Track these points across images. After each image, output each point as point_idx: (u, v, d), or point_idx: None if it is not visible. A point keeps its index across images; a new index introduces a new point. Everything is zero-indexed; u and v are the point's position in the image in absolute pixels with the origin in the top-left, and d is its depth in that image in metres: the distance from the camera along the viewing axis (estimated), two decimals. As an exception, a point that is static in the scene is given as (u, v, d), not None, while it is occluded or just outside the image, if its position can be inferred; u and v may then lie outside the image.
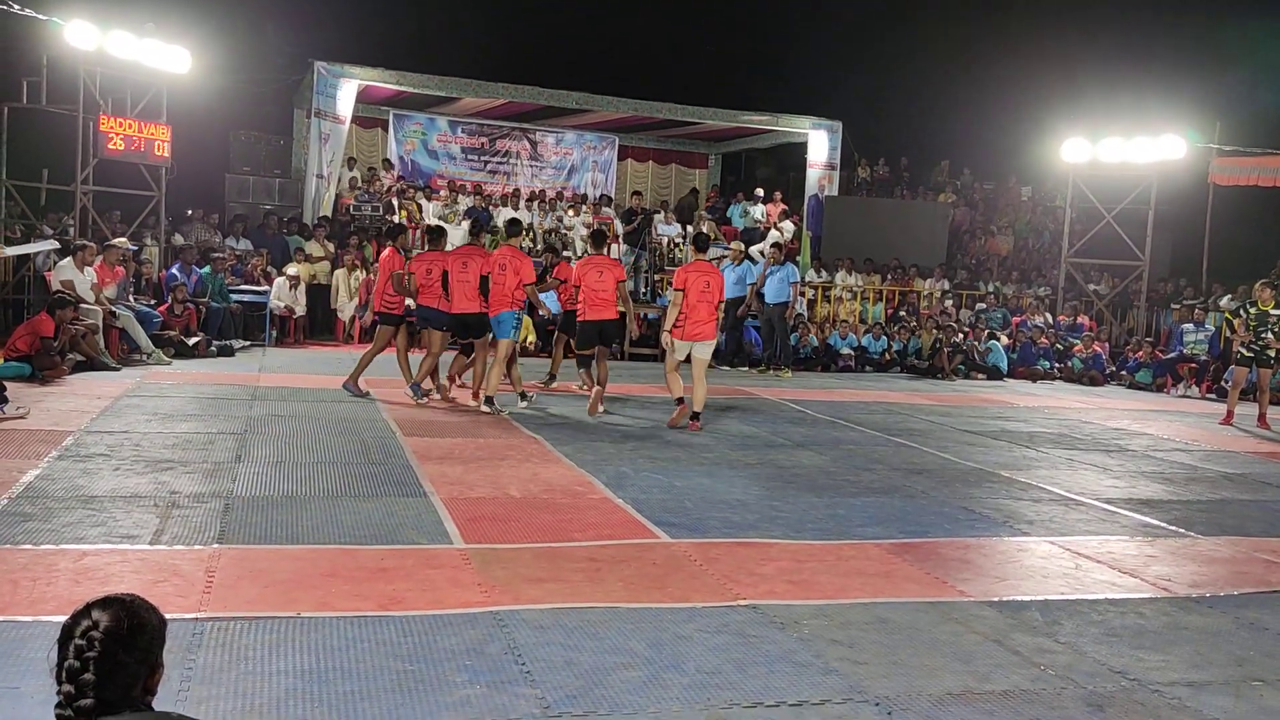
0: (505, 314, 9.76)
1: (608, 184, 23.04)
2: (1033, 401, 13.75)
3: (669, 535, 5.72)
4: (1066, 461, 9.07)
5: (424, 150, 21.78)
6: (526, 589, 4.66)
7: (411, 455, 7.52)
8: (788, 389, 13.31)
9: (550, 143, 22.75)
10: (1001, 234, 22.48)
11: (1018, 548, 6.01)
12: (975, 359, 16.71)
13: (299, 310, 15.16)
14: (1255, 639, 4.64)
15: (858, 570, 5.30)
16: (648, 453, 8.22)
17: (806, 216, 21.01)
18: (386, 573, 4.77)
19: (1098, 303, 19.92)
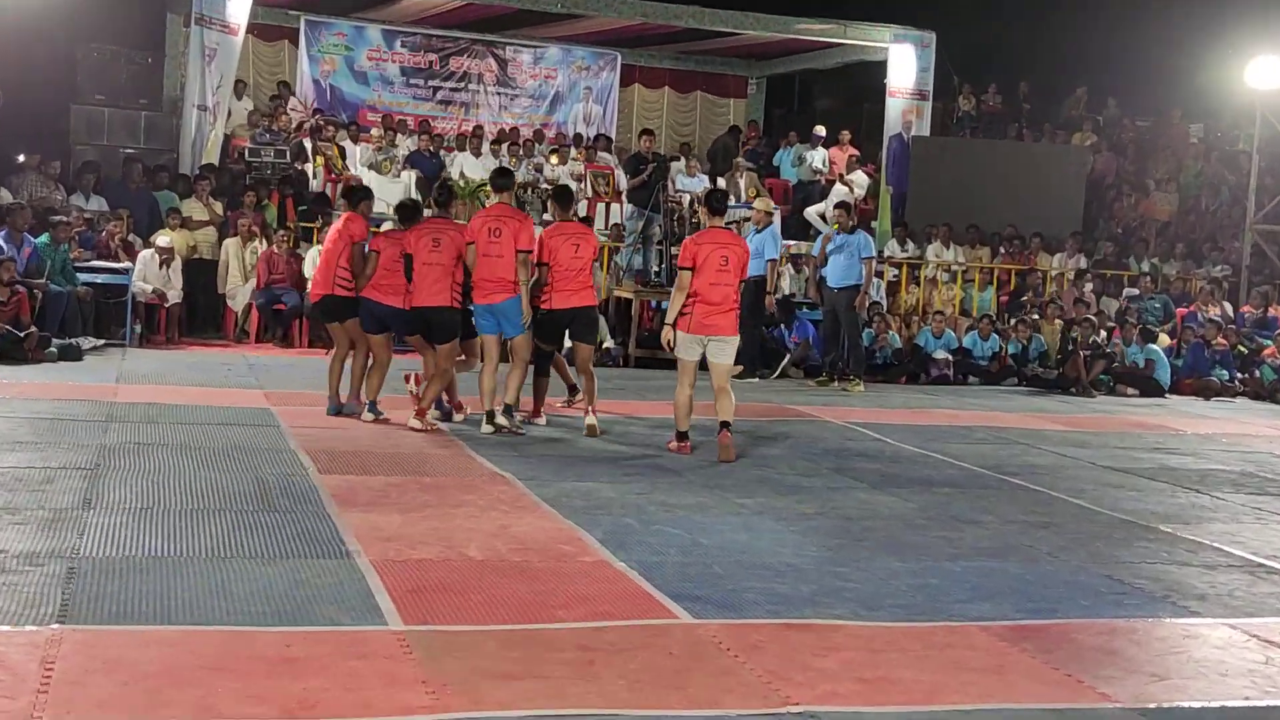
0: (510, 301, 10.01)
1: (606, 120, 23.10)
2: (1205, 427, 13.69)
3: (691, 614, 5.71)
4: (1253, 512, 9.02)
5: (349, 72, 21.86)
6: (490, 689, 4.64)
7: (329, 500, 7.50)
8: (857, 407, 13.27)
9: (526, 62, 22.83)
10: (1161, 190, 22.43)
11: (1184, 633, 5.97)
12: (1124, 366, 16.67)
13: (173, 296, 15.20)
14: None
15: (956, 664, 5.28)
16: (661, 496, 8.20)
17: (886, 166, 21.03)
18: (294, 665, 4.76)
19: (1301, 288, 19.89)
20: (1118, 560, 7.29)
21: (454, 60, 22.44)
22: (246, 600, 5.52)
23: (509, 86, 22.82)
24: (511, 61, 22.75)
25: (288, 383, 12.19)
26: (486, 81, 22.67)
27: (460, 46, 22.40)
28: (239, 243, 15.77)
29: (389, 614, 5.45)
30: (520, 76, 22.88)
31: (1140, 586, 6.73)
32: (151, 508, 7.09)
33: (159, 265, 15.03)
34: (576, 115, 23.01)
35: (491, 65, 22.65)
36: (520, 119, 22.47)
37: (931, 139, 21.32)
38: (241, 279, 15.72)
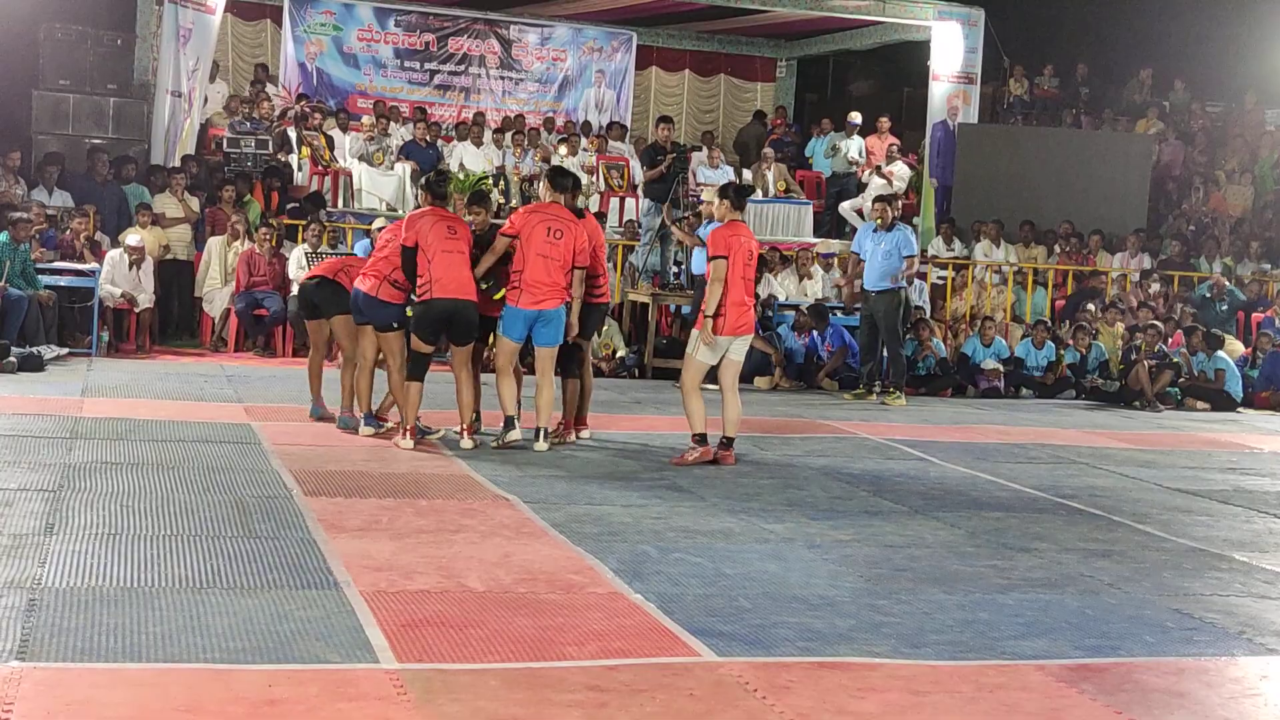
0: (563, 308, 10.30)
1: (620, 107, 23.14)
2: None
3: (715, 651, 5.70)
4: (1336, 538, 9.00)
5: (337, 54, 21.93)
6: (493, 734, 4.65)
7: (315, 524, 7.51)
8: (899, 423, 13.26)
9: (532, 43, 22.90)
10: (1234, 183, 22.41)
11: (1260, 673, 5.95)
12: (1192, 378, 16.62)
13: (144, 300, 15.25)
14: None
15: (1009, 707, 5.26)
16: (681, 521, 8.21)
17: (930, 156, 21.04)
18: (276, 707, 4.76)
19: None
20: (1187, 592, 7.26)
21: (453, 41, 22.50)
22: (225, 635, 5.52)
23: (513, 70, 22.87)
24: (516, 42, 22.80)
25: (269, 396, 12.22)
26: (489, 64, 22.73)
27: (460, 26, 22.46)
28: (224, 242, 15.80)
29: (381, 651, 5.44)
30: (526, 59, 22.94)
31: (1212, 621, 6.70)
32: (120, 533, 7.10)
33: (129, 266, 15.03)
34: (587, 101, 23.06)
35: (494, 46, 22.70)
36: (526, 105, 22.53)
37: (979, 126, 21.31)
38: (221, 281, 15.76)
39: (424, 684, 5.10)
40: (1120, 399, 16.33)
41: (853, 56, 25.02)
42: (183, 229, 16.34)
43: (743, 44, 24.22)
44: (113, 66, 18.85)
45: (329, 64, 21.88)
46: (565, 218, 10.20)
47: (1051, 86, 24.19)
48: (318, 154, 18.60)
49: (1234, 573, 7.81)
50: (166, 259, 16.00)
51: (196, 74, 18.05)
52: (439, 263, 9.86)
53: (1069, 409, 15.81)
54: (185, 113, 17.95)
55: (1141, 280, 19.14)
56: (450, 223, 10.11)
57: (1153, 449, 12.78)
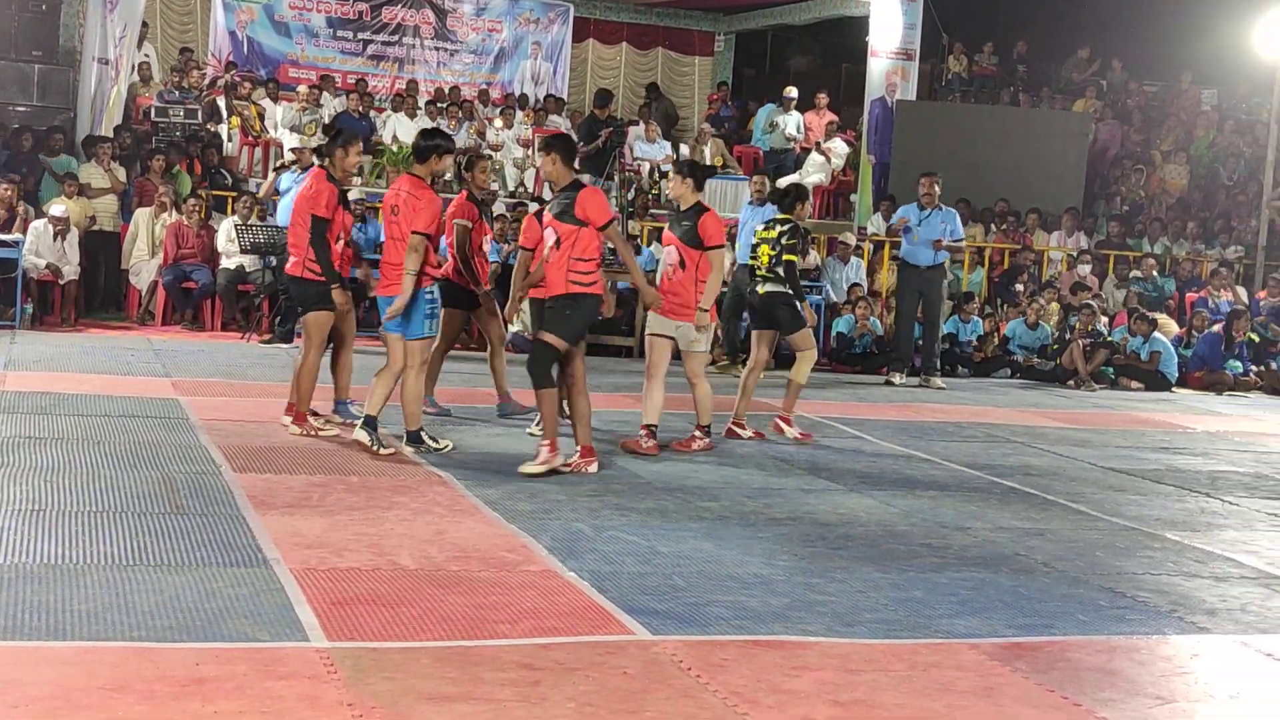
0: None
1: (557, 79, 23.06)
2: (1216, 424, 13.86)
3: (649, 630, 5.71)
4: (1268, 518, 9.13)
5: (268, 23, 21.72)
6: (424, 712, 4.63)
7: (245, 501, 7.46)
8: (834, 401, 13.34)
9: (467, 13, 22.77)
10: (1171, 163, 22.66)
11: (1191, 651, 6.03)
12: (1127, 358, 16.81)
13: (69, 272, 15.08)
14: None
15: (943, 686, 5.30)
16: (616, 499, 8.21)
17: (867, 133, 21.12)
18: (203, 686, 4.73)
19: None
20: (1120, 571, 7.35)
21: (387, 10, 22.32)
22: (151, 613, 5.47)
23: (448, 41, 22.74)
24: (451, 13, 22.66)
25: (198, 370, 12.13)
26: (423, 35, 22.58)
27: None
28: (151, 214, 15.66)
29: (311, 629, 5.42)
30: (461, 30, 22.80)
31: (1144, 600, 6.78)
32: (44, 509, 7.03)
33: (53, 238, 14.89)
34: (524, 74, 22.95)
35: (429, 16, 22.55)
36: (461, 77, 22.41)
37: (918, 103, 21.41)
38: (148, 254, 15.62)
39: (354, 662, 5.08)
40: (1055, 378, 16.50)
41: (791, 31, 25.06)
42: (109, 200, 16.16)
43: (681, 17, 24.19)
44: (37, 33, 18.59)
45: (260, 33, 21.66)
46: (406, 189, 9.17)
47: (990, 64, 24.35)
48: (248, 124, 18.44)
49: (1166, 552, 7.91)
50: (92, 230, 15.84)
51: (124, 41, 17.78)
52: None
53: (1004, 388, 15.96)
54: (112, 81, 17.68)
55: (1077, 259, 19.32)
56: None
57: (1087, 428, 12.93)
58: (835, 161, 21.11)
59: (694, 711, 4.85)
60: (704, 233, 9.56)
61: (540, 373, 8.80)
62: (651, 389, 9.76)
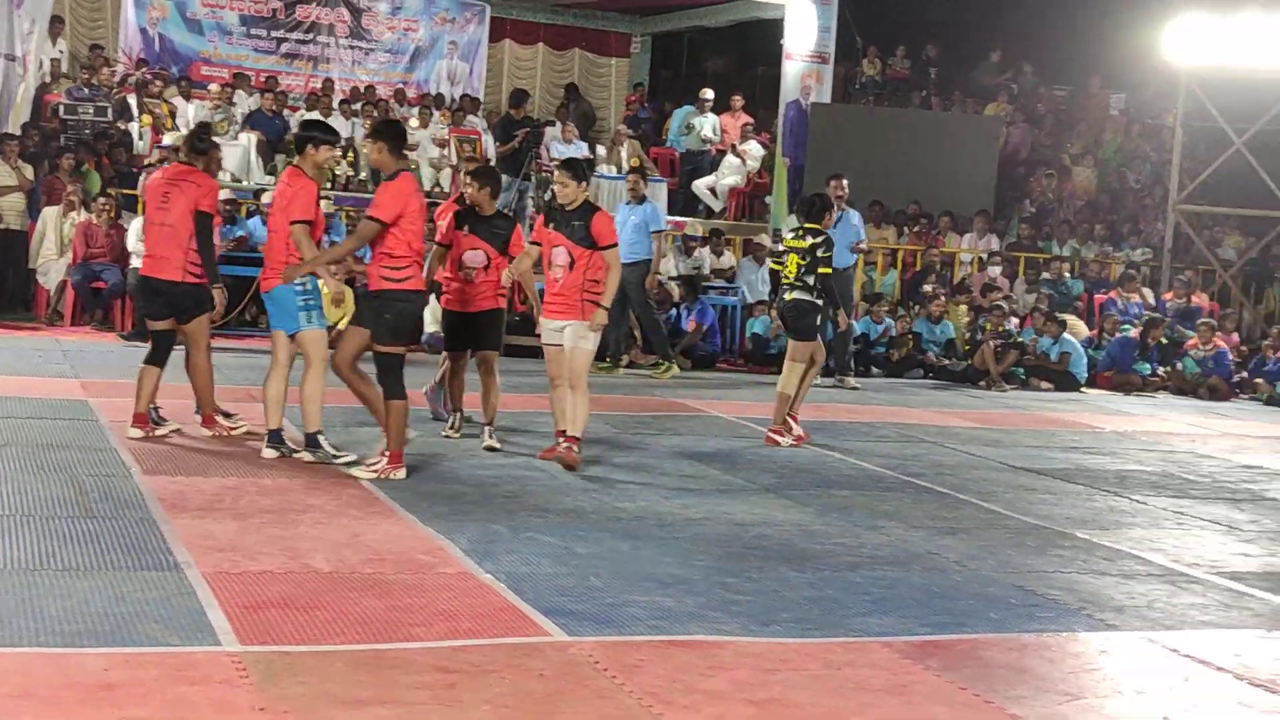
0: (281, 289, 8.87)
1: (473, 79, 22.97)
2: (1124, 424, 14.04)
3: (565, 631, 5.70)
4: (1174, 516, 9.26)
5: (180, 20, 21.44)
6: (338, 717, 4.58)
7: (155, 504, 7.36)
8: (750, 402, 13.37)
9: (383, 12, 22.61)
10: (1079, 165, 22.93)
11: (1099, 648, 6.11)
12: (1037, 358, 16.99)
13: (-26, 272, 14.84)
14: None
15: (857, 684, 5.34)
16: (533, 501, 8.19)
17: (782, 135, 21.20)
18: (112, 691, 4.66)
19: (1222, 273, 20.48)
20: (1030, 569, 7.42)
21: (301, 8, 22.12)
22: (59, 619, 5.38)
23: (364, 39, 22.56)
24: (366, 11, 22.49)
25: (107, 371, 11.94)
26: (338, 33, 22.39)
27: (309, -8, 22.09)
28: (59, 212, 15.43)
29: (223, 633, 5.36)
30: (376, 28, 22.64)
31: (1054, 598, 6.86)
32: (-51, 513, 6.91)
33: (-42, 236, 14.65)
34: (440, 73, 22.82)
35: (344, 15, 22.36)
36: (376, 76, 22.24)
37: (832, 106, 21.52)
38: (57, 253, 15.39)
39: (267, 666, 5.02)
40: (966, 378, 16.65)
41: (708, 34, 25.12)
42: (16, 198, 15.88)
43: (598, 18, 24.16)
44: (-58, 29, 18.28)
45: (171, 30, 21.36)
46: (284, 181, 8.87)
47: (903, 68, 24.54)
48: (159, 122, 18.17)
49: (1075, 550, 8.00)
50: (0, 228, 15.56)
51: (32, 37, 17.51)
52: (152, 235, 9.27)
53: (916, 388, 16.07)
54: (20, 78, 17.42)
55: (987, 261, 19.51)
56: (167, 189, 9.15)
57: (998, 428, 13.06)
58: (750, 163, 21.17)
59: (609, 713, 4.85)
60: (597, 232, 9.14)
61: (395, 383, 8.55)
62: (558, 398, 9.36)
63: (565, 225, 9.19)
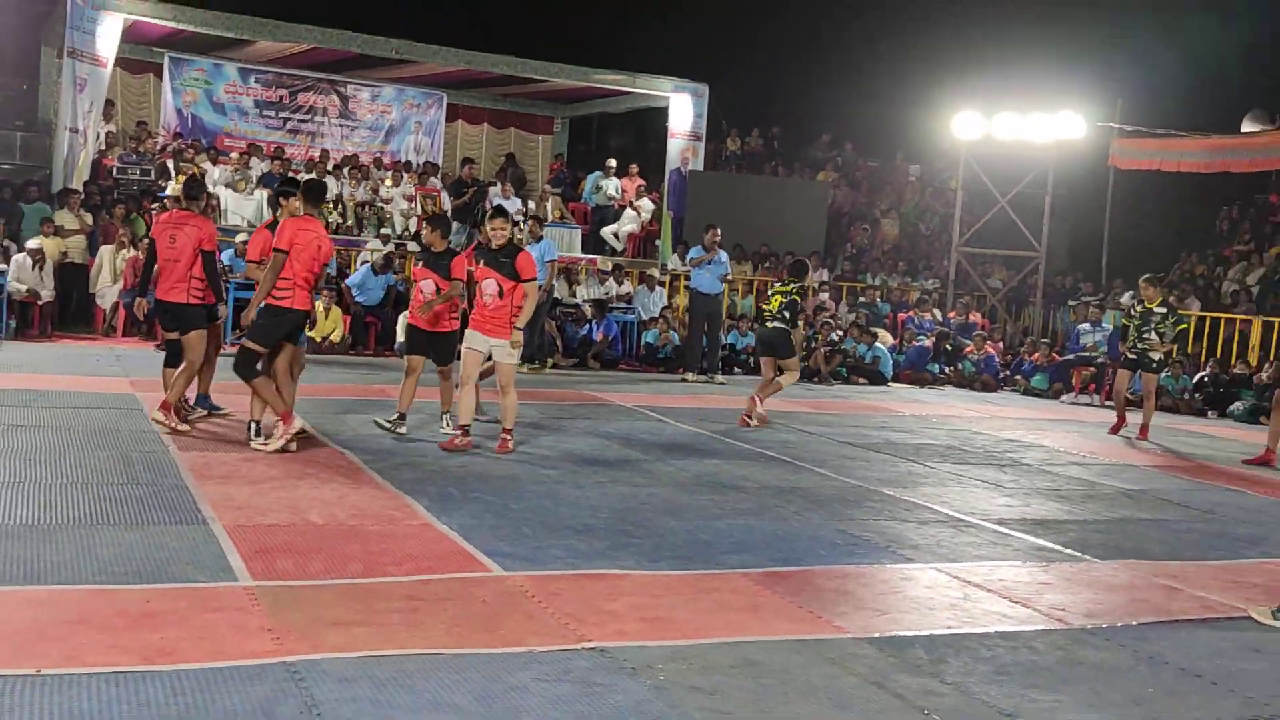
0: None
1: (434, 150, 22.79)
2: (919, 410, 14.23)
3: (502, 567, 5.68)
4: (956, 478, 9.41)
5: (208, 103, 21.05)
6: (329, 635, 4.54)
7: (187, 473, 7.25)
8: (644, 393, 13.41)
9: (365, 99, 22.34)
10: (886, 219, 23.25)
11: (901, 576, 6.19)
12: (856, 361, 17.20)
13: (45, 295, 14.45)
14: (1154, 674, 4.91)
15: (722, 605, 5.36)
16: (478, 470, 8.15)
17: (668, 194, 21.25)
18: (153, 618, 4.58)
19: (991, 298, 20.86)
20: (850, 518, 7.51)
21: (302, 96, 21.83)
22: (110, 562, 5.28)
23: (350, 119, 22.29)
24: (352, 98, 22.23)
25: (150, 372, 11.57)
26: (330, 115, 22.11)
27: (308, 84, 21.80)
28: (113, 250, 15.13)
29: (239, 572, 5.29)
30: (360, 111, 22.37)
31: (867, 539, 6.95)
32: (24, 482, 6.74)
33: (32, 267, 14.28)
34: (408, 145, 22.62)
35: (335, 101, 22.09)
36: (360, 147, 21.97)
37: (704, 173, 21.58)
38: (111, 281, 15.06)
39: (273, 597, 4.96)
40: (804, 376, 16.75)
41: (612, 118, 25.09)
42: (79, 238, 15.50)
43: (529, 105, 24.05)
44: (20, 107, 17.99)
45: (201, 111, 20.97)
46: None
47: (757, 144, 24.67)
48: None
49: (883, 503, 8.11)
50: (66, 262, 15.20)
51: (91, 115, 17.08)
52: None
53: (768, 383, 16.19)
54: (81, 146, 16.99)
55: (819, 288, 19.69)
56: (173, 231, 8.74)
57: (827, 413, 13.19)
58: (644, 215, 21.22)
59: (536, 629, 4.84)
60: (521, 268, 8.70)
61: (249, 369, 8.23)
62: (465, 394, 8.92)
63: (494, 262, 8.75)
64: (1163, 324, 12.67)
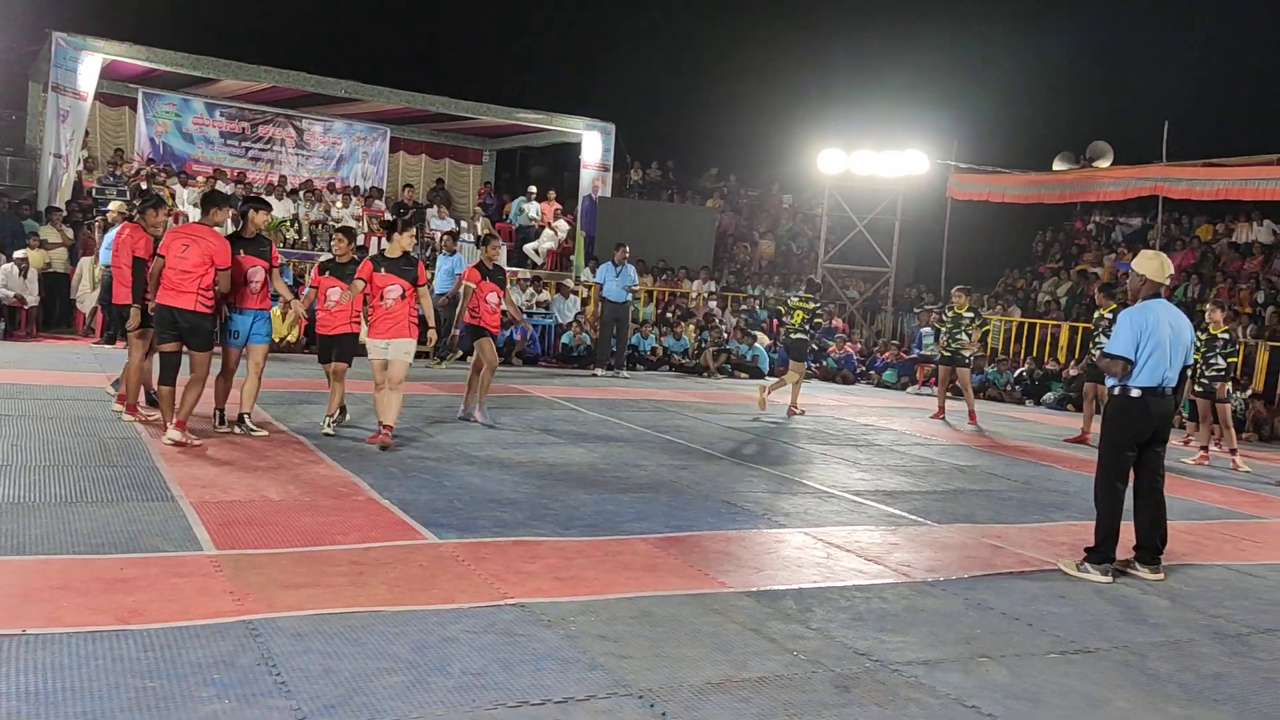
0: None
1: (379, 176, 22.43)
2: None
3: (437, 536, 5.61)
4: (821, 456, 9.53)
5: (178, 133, 20.45)
6: (283, 595, 4.44)
7: (158, 457, 7.04)
8: (560, 386, 13.36)
9: (318, 131, 21.90)
10: (764, 239, 23.49)
11: (775, 539, 6.25)
12: (738, 359, 17.34)
13: (30, 300, 13.91)
14: (982, 618, 5.04)
15: (624, 565, 5.37)
16: (415, 452, 8.04)
17: (581, 217, 21.20)
18: (126, 583, 4.43)
19: (850, 306, 21.19)
20: (733, 490, 7.57)
21: (262, 128, 21.30)
22: (89, 535, 5.10)
23: (305, 149, 21.82)
24: (307, 130, 21.76)
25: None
26: (288, 145, 21.61)
27: (267, 118, 21.29)
28: (92, 261, 14.61)
29: (204, 542, 5.15)
30: (314, 142, 21.91)
31: (747, 508, 7.01)
32: (10, 465, 6.48)
33: (18, 274, 13.75)
34: (357, 172, 22.21)
35: (291, 133, 21.60)
36: (314, 173, 21.53)
37: (611, 199, 21.58)
38: (90, 288, 14.54)
39: (234, 564, 4.84)
40: (695, 372, 16.89)
41: (533, 150, 24.96)
42: (61, 250, 14.98)
43: (461, 139, 23.79)
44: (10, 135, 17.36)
45: (172, 140, 20.35)
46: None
47: (656, 175, 24.73)
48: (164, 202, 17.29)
49: (761, 478, 8.19)
50: (49, 271, 14.67)
51: (73, 143, 16.49)
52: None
53: (665, 378, 16.25)
54: (64, 170, 16.39)
55: (708, 297, 19.83)
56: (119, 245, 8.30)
57: (715, 402, 13.28)
58: (560, 234, 21.14)
59: (466, 587, 4.79)
60: (419, 275, 8.35)
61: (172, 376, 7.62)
62: (379, 398, 8.23)
63: (397, 269, 8.23)
64: (970, 326, 13.04)
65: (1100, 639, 4.85)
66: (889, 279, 20.71)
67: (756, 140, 26.00)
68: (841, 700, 3.88)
